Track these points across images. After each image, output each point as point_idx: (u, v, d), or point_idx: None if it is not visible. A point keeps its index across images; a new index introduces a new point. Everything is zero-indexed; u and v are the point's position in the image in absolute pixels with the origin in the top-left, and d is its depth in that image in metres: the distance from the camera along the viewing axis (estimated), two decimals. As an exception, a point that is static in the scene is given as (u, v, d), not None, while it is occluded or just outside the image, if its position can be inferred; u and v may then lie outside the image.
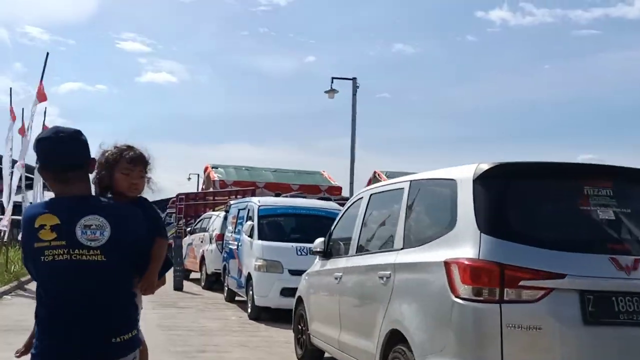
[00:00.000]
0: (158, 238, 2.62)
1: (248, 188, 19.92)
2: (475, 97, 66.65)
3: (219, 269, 13.42)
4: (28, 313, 2.84)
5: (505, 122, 69.12)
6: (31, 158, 17.49)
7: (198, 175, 31.50)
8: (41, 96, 12.43)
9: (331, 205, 11.42)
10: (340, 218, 6.37)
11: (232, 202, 13.95)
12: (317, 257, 6.50)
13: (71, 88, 74.78)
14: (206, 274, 14.50)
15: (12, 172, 14.01)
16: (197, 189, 31.16)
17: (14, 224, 15.26)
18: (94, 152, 2.60)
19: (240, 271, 10.87)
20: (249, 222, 10.42)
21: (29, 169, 15.43)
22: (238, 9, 75.73)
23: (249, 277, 10.13)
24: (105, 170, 2.64)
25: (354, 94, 17.41)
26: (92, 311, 2.34)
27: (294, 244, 9.88)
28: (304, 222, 10.62)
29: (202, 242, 15.16)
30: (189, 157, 76.60)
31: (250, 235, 10.33)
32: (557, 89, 60.53)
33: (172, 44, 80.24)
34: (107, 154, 2.68)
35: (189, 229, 18.03)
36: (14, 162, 14.24)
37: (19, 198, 16.60)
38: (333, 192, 24.99)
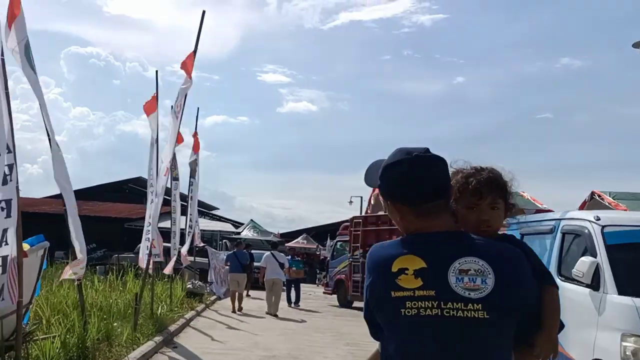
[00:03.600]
0: (548, 286, 2.06)
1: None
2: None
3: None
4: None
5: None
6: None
7: (361, 197, 27.15)
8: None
9: None
10: None
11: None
12: None
13: (215, 121, 75.61)
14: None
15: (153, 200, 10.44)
16: (360, 214, 26.76)
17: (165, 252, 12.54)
18: None
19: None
20: (587, 259, 5.33)
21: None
22: (379, 33, 72.54)
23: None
24: (452, 202, 2.02)
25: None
26: None
27: None
28: None
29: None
30: (329, 186, 74.92)
31: (593, 285, 5.26)
32: None
33: (312, 72, 79.11)
34: (453, 182, 2.04)
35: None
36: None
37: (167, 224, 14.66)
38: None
